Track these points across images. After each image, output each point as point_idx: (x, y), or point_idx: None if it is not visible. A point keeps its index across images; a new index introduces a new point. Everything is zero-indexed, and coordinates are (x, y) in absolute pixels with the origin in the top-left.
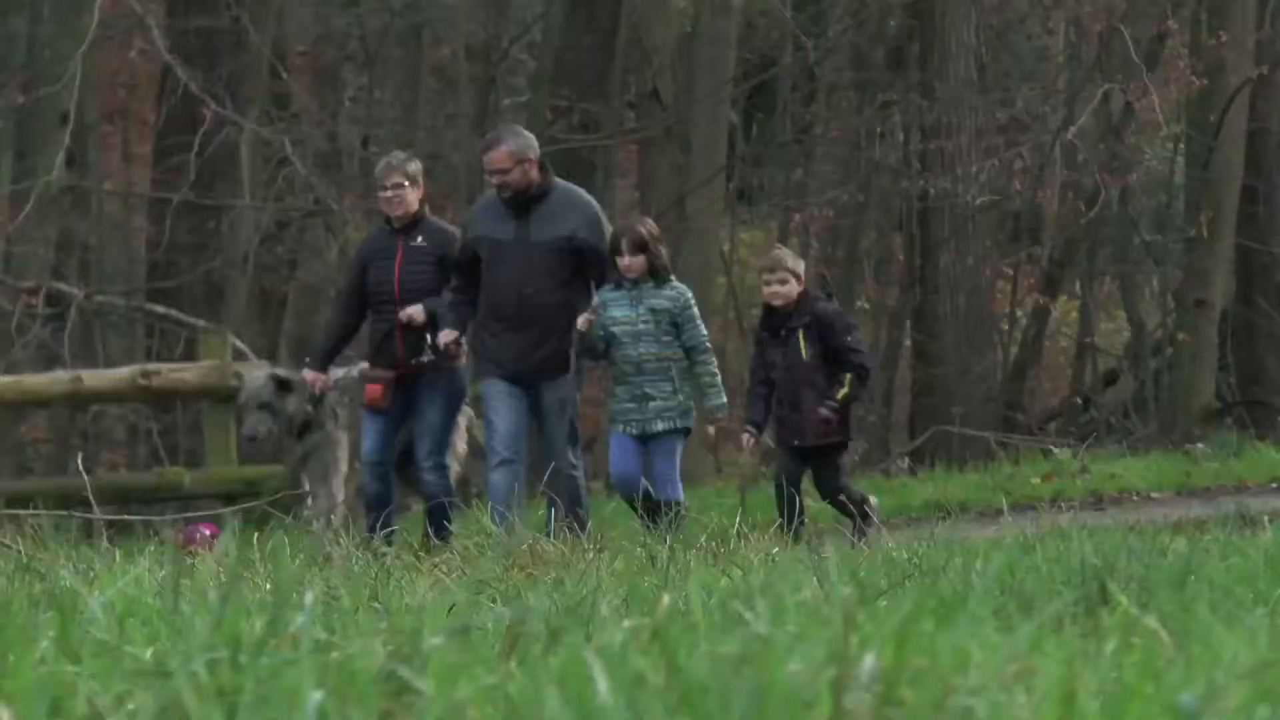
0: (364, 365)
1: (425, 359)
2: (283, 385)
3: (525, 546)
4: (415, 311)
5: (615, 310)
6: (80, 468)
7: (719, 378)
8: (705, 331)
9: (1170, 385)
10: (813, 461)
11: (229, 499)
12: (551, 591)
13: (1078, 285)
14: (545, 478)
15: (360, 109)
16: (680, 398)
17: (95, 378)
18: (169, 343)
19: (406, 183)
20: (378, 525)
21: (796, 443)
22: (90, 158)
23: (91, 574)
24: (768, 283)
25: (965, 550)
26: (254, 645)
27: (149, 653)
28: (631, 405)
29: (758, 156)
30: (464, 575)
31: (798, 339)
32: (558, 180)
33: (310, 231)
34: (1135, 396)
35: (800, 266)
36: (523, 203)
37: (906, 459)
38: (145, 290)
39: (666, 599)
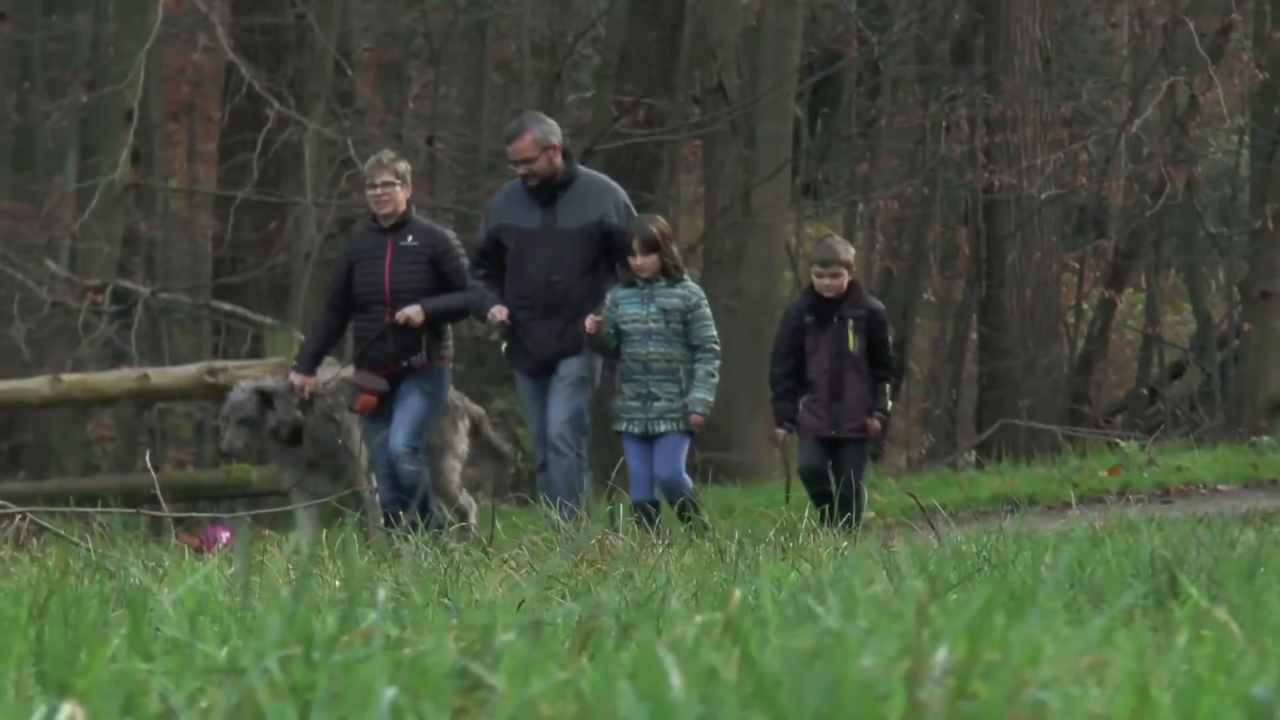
0: (348, 370)
1: (417, 361)
2: (266, 398)
3: (594, 541)
4: (413, 312)
5: (627, 308)
6: (148, 465)
7: (716, 380)
8: (715, 333)
9: (1236, 377)
10: (840, 452)
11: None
12: (621, 586)
13: (1143, 278)
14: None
15: (425, 106)
16: (685, 400)
17: (162, 375)
18: (235, 340)
19: (396, 181)
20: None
21: (832, 433)
22: (155, 155)
23: (160, 572)
24: (820, 275)
25: (1034, 543)
26: (326, 642)
27: (221, 650)
28: (635, 404)
29: (823, 150)
30: (533, 571)
31: (847, 329)
32: (581, 167)
33: None
34: (1201, 389)
35: (851, 255)
36: (548, 190)
37: (973, 452)
38: (211, 287)
39: (738, 593)
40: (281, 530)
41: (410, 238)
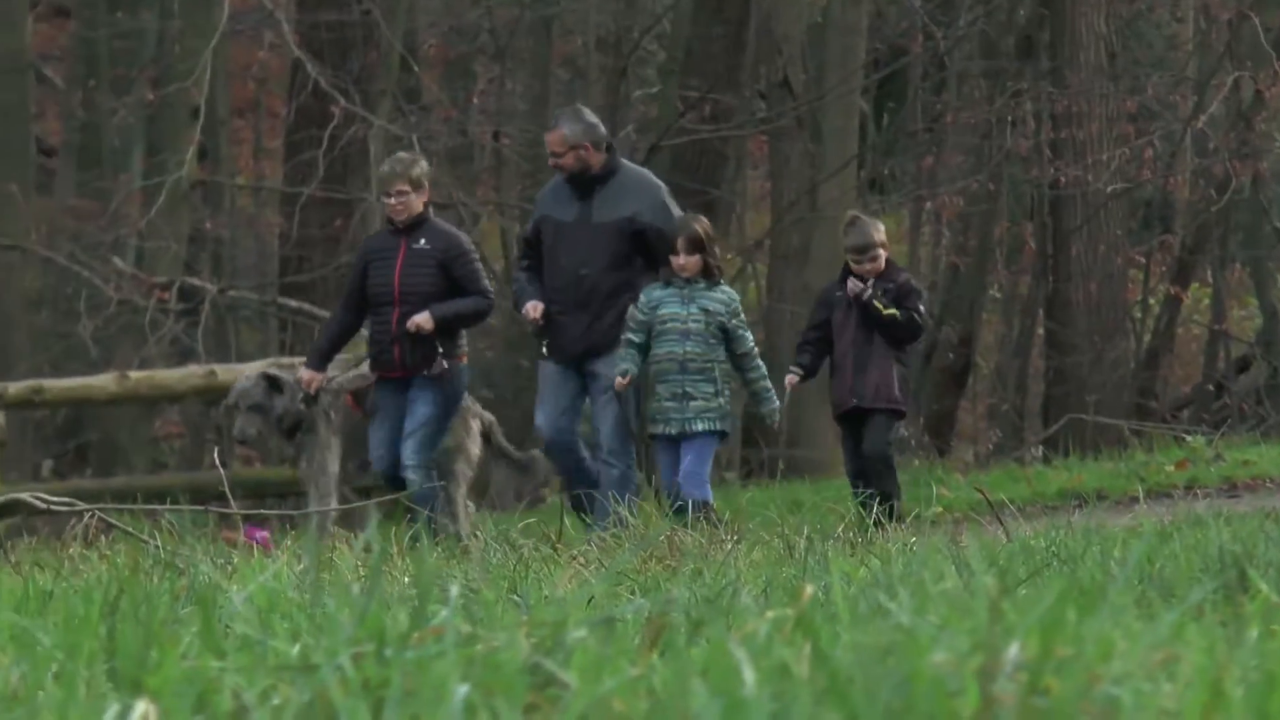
0: (363, 369)
1: (435, 371)
2: (274, 385)
3: (662, 538)
4: (423, 320)
5: (665, 307)
6: (216, 462)
7: (768, 381)
8: (751, 338)
9: None
10: (866, 424)
11: (365, 492)
12: (691, 582)
13: (1209, 273)
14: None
15: (490, 102)
16: (721, 400)
17: (229, 372)
18: (301, 336)
19: (410, 189)
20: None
21: (855, 402)
22: (221, 152)
23: (230, 569)
24: (859, 263)
25: (1102, 538)
26: (398, 639)
27: (293, 647)
28: (672, 404)
29: (888, 145)
30: (602, 567)
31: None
32: (625, 163)
33: None
34: (1267, 383)
35: (882, 232)
36: (585, 184)
37: (1040, 447)
38: (278, 284)
39: (809, 589)
40: (349, 527)
41: (423, 240)
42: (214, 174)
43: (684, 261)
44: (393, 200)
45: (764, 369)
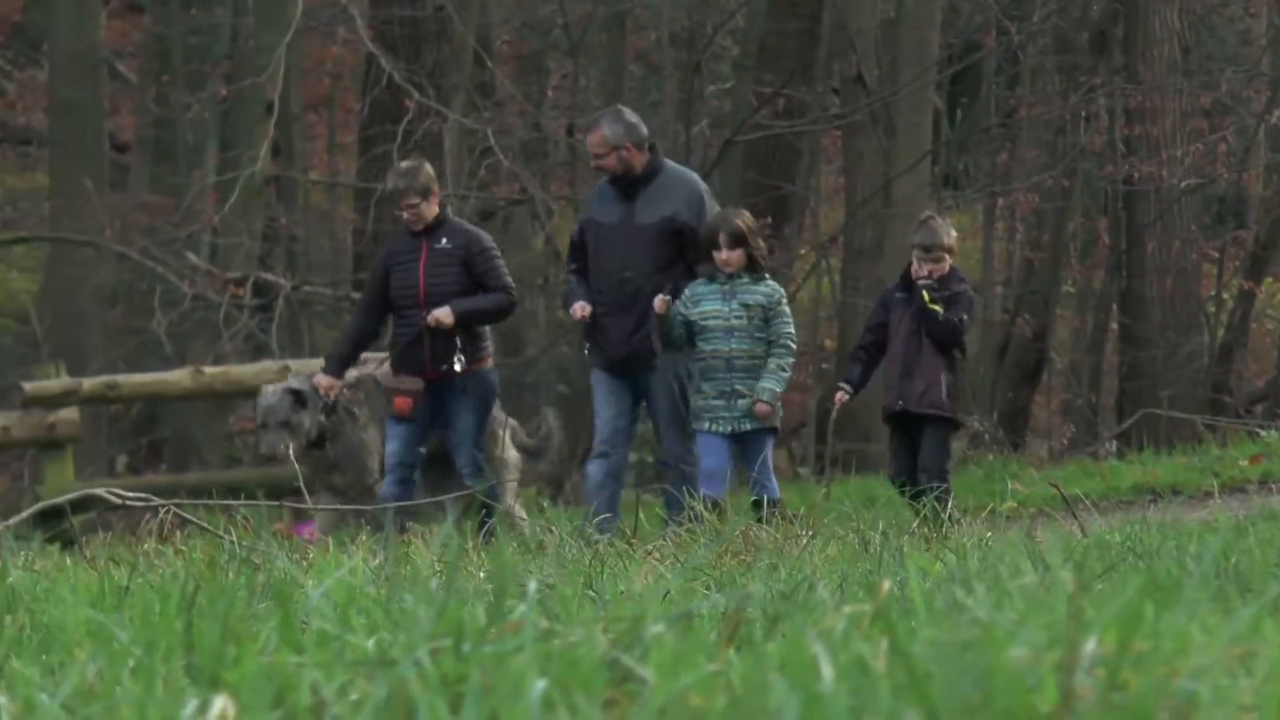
0: (384, 368)
1: (456, 367)
2: (299, 399)
3: (738, 533)
4: (443, 314)
5: (707, 304)
6: (291, 458)
7: (788, 375)
8: (793, 331)
9: None
10: (921, 435)
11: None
12: (766, 577)
13: None
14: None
15: (564, 97)
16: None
17: (303, 367)
18: None
19: (420, 200)
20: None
21: (900, 405)
22: (295, 148)
23: (306, 564)
24: (923, 260)
25: (1178, 533)
26: (476, 634)
27: (370, 643)
28: (720, 402)
29: (962, 141)
30: (677, 562)
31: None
32: (668, 163)
33: (515, 221)
34: None
35: (953, 238)
36: (629, 185)
37: (1114, 442)
38: (351, 280)
39: (887, 584)
40: (426, 523)
41: (444, 240)
42: (288, 169)
43: (726, 256)
44: (405, 214)
45: (789, 360)
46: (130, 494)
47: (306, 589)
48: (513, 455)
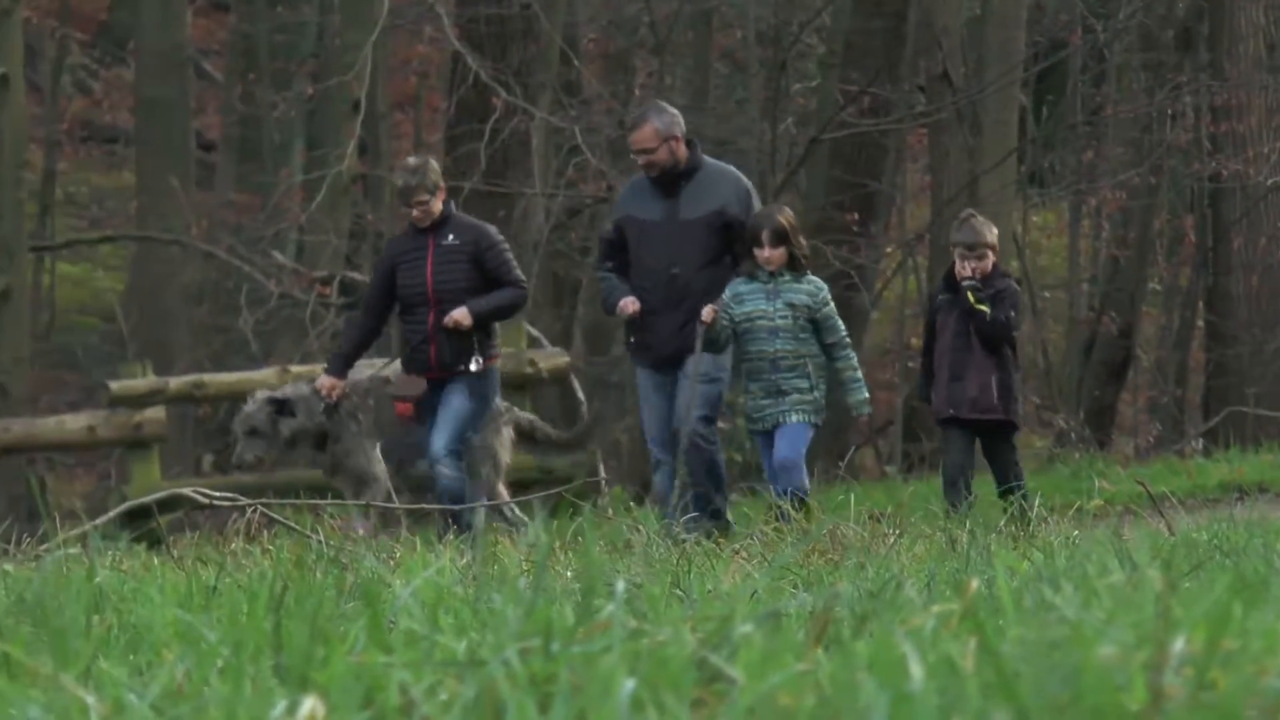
0: (395, 367)
1: (473, 368)
2: (281, 408)
3: (825, 532)
4: (461, 315)
5: (750, 304)
6: (379, 457)
7: (860, 372)
8: (843, 326)
9: None
10: (984, 442)
11: (525, 486)
12: (854, 576)
13: None
14: (680, 447)
15: (650, 95)
16: (816, 394)
17: (389, 366)
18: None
19: (429, 196)
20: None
21: (951, 411)
22: (381, 146)
23: (392, 564)
24: (965, 258)
25: (1265, 531)
26: (565, 634)
27: (459, 643)
28: (767, 402)
29: (1048, 138)
30: (764, 561)
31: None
32: (706, 158)
33: (602, 219)
34: None
35: (995, 236)
36: (671, 181)
37: (1201, 440)
38: None
39: (974, 583)
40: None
41: (451, 236)
42: (374, 168)
43: (769, 254)
44: (414, 210)
45: (854, 358)
46: (217, 493)
47: (394, 589)
48: (504, 455)
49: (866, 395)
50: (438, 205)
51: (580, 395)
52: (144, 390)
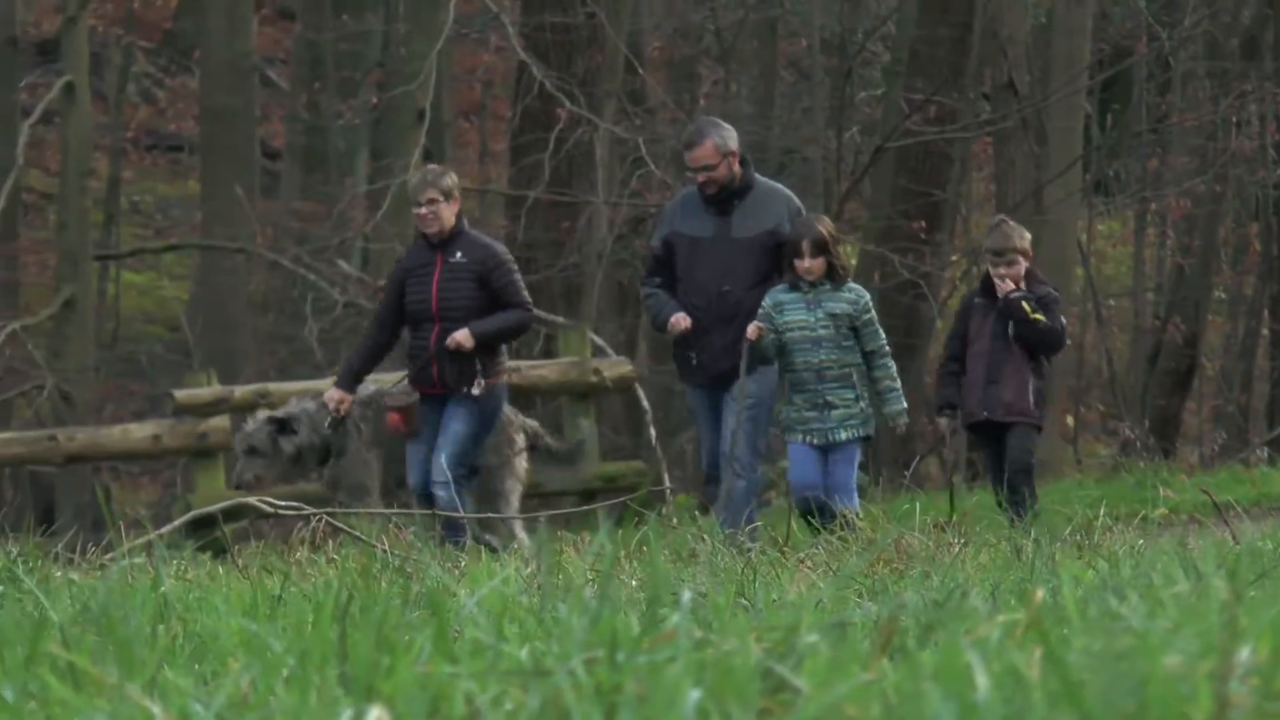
0: (401, 382)
1: (475, 391)
2: (283, 427)
3: (890, 541)
4: (463, 338)
5: (791, 314)
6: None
7: (899, 382)
8: (883, 334)
9: None
10: (1005, 440)
11: (589, 495)
12: (919, 585)
13: None
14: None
15: (715, 104)
16: (862, 405)
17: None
18: (528, 340)
19: (441, 198)
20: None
21: (986, 414)
22: (446, 155)
23: (457, 573)
24: (996, 265)
25: None
26: (630, 643)
27: (525, 652)
28: (813, 414)
29: (1113, 147)
30: (829, 571)
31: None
32: (757, 175)
33: None
34: None
35: (1028, 242)
36: (725, 198)
37: (1265, 448)
38: None
39: (1040, 593)
40: (576, 531)
41: (459, 254)
42: None
43: (809, 264)
44: (423, 210)
45: (893, 368)
46: (282, 503)
47: (459, 598)
48: (521, 464)
49: (904, 406)
50: (449, 214)
51: (645, 404)
52: (209, 399)
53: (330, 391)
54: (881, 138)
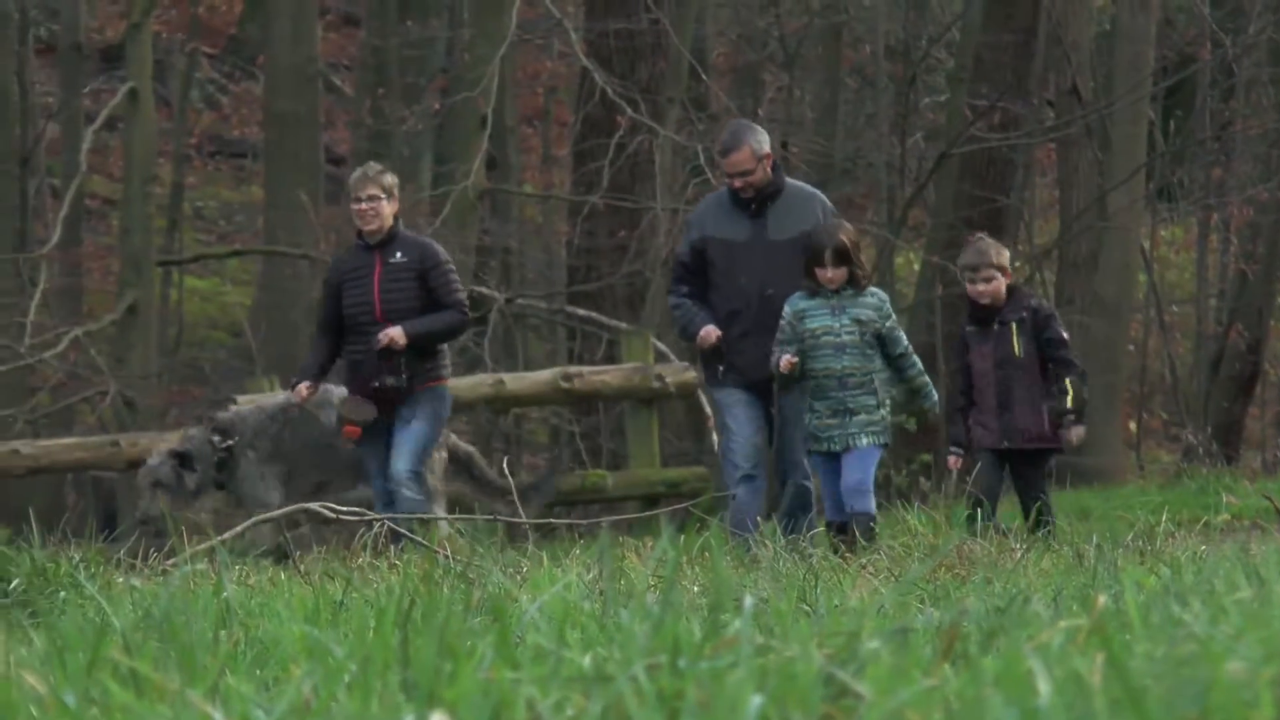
0: (340, 392)
1: (399, 384)
2: (183, 460)
3: (953, 547)
4: (396, 334)
5: (815, 320)
6: (505, 471)
7: (928, 378)
8: (905, 338)
9: None
10: (1017, 465)
11: (651, 501)
12: (980, 591)
13: None
14: (784, 494)
15: (779, 110)
16: (883, 412)
17: (517, 380)
18: (590, 345)
19: (382, 195)
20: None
21: (1005, 444)
22: (510, 161)
23: (519, 578)
24: (972, 281)
25: None
26: (693, 650)
27: (587, 658)
28: (834, 421)
29: (1177, 154)
30: (891, 577)
31: (1010, 333)
32: (787, 178)
33: None
34: None
35: (1005, 258)
36: (759, 201)
37: None
38: (565, 293)
39: (1102, 599)
40: (638, 536)
41: (399, 254)
42: (502, 182)
43: (831, 275)
44: (363, 205)
45: (920, 365)
46: (344, 508)
47: (521, 604)
48: (431, 480)
49: (936, 398)
50: (388, 213)
51: (708, 410)
52: None
53: (299, 388)
54: (946, 144)
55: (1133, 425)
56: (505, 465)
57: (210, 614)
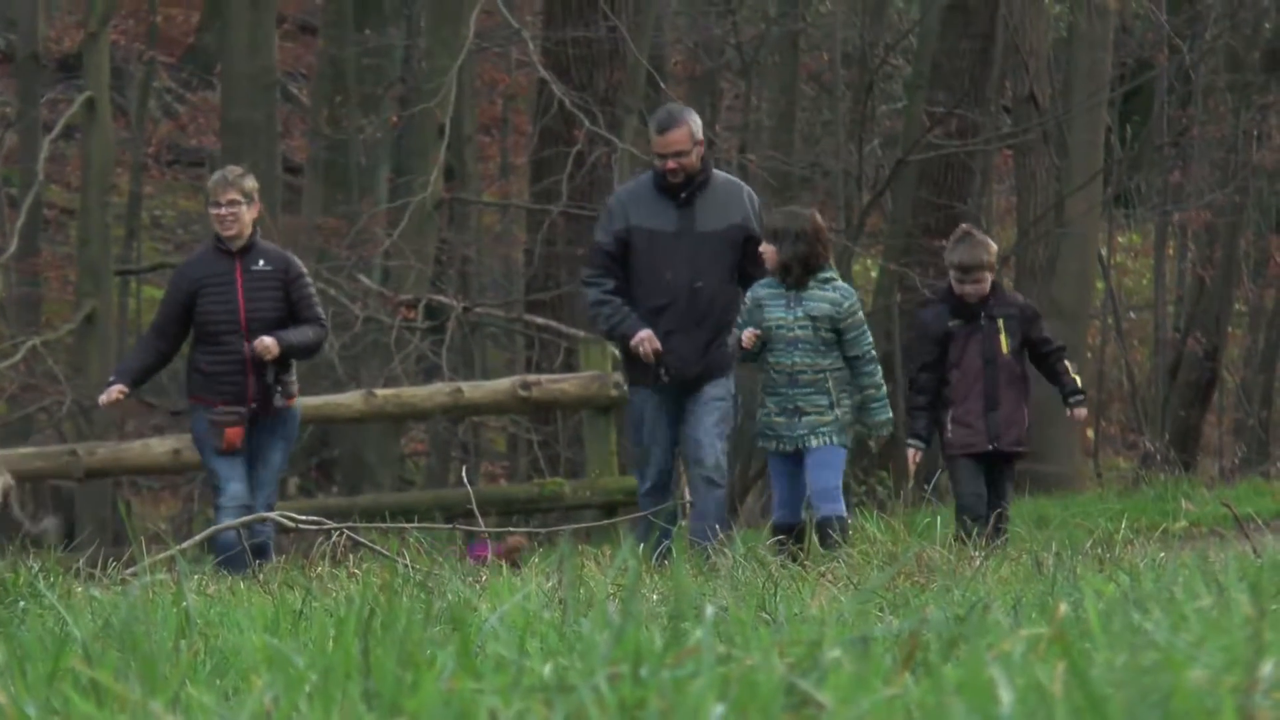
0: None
1: (280, 401)
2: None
3: (911, 555)
4: (270, 343)
5: (769, 311)
6: (464, 479)
7: (884, 390)
8: (871, 338)
9: None
10: (994, 468)
11: (610, 509)
12: (940, 600)
13: None
14: (686, 483)
15: (736, 118)
16: (837, 413)
17: (475, 389)
18: (549, 353)
19: (243, 200)
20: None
21: (992, 447)
22: (468, 170)
23: (480, 588)
24: (962, 282)
25: None
26: (654, 659)
27: (548, 668)
28: (781, 420)
29: (1134, 159)
30: (850, 585)
31: (998, 329)
32: (714, 169)
33: None
34: None
35: (994, 254)
36: (686, 190)
37: None
38: (524, 302)
39: (1064, 607)
40: (596, 545)
41: (261, 262)
42: (460, 191)
43: (766, 249)
44: (222, 210)
45: (879, 374)
46: (303, 517)
47: (481, 613)
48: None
49: (888, 416)
50: (249, 218)
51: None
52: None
53: (115, 388)
54: (903, 151)
55: (1090, 432)
56: (465, 474)
57: (170, 624)
